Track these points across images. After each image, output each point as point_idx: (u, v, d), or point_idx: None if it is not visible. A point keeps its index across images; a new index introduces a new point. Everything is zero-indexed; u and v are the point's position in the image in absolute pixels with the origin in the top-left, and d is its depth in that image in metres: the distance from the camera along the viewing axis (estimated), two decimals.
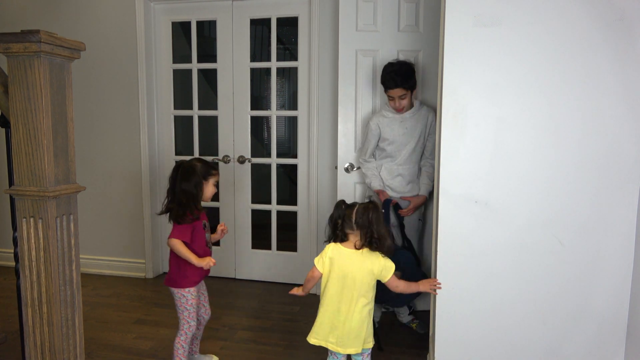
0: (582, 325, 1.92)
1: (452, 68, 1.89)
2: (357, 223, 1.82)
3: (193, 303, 2.16)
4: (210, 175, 2.16)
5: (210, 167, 2.17)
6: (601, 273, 1.88)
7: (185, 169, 2.12)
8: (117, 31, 3.52)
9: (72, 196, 1.57)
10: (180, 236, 2.09)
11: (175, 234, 2.10)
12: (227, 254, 3.70)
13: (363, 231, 1.81)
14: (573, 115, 1.83)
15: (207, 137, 3.73)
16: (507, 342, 1.97)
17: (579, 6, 1.78)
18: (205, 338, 2.68)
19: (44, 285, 1.48)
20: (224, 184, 3.62)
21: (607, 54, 1.78)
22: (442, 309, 2.01)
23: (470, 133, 1.91)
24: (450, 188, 1.95)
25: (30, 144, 1.44)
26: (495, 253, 1.94)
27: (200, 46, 3.59)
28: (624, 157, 1.82)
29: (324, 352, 2.52)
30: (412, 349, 2.57)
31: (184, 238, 2.10)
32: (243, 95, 3.53)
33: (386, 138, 2.71)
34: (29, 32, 1.36)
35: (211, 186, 2.17)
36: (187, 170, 2.11)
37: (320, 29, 3.22)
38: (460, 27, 1.86)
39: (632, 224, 1.84)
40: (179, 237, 2.09)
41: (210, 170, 2.16)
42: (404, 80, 2.56)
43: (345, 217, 1.85)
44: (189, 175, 2.10)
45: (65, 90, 1.52)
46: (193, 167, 2.12)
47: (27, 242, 1.48)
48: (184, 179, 2.10)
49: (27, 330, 1.52)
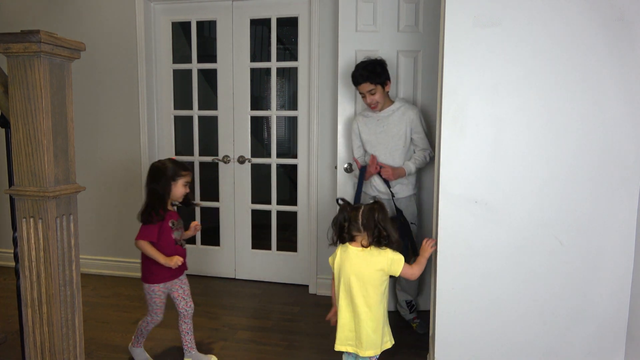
0: (582, 325, 1.92)
1: (452, 68, 1.90)
2: (364, 225, 1.81)
3: (157, 301, 2.27)
4: (179, 175, 2.19)
5: (180, 168, 2.21)
6: (601, 273, 1.88)
7: (153, 169, 2.19)
8: (117, 31, 3.52)
9: (72, 196, 1.57)
10: (146, 237, 2.16)
11: (141, 235, 2.17)
12: (227, 254, 3.70)
13: (369, 232, 1.81)
14: (573, 115, 1.83)
15: (207, 137, 3.73)
16: (507, 342, 1.97)
17: (579, 6, 1.78)
18: (205, 338, 2.68)
19: (44, 286, 1.48)
20: (224, 184, 3.62)
21: (606, 54, 1.78)
22: (442, 309, 2.01)
23: (470, 133, 1.91)
24: (450, 188, 1.95)
25: (30, 144, 1.44)
26: (495, 253, 1.94)
27: (200, 46, 3.59)
28: (623, 157, 1.82)
29: (324, 352, 2.53)
30: (412, 349, 2.56)
31: (150, 238, 2.17)
32: (243, 96, 3.53)
33: (363, 137, 2.76)
34: (29, 32, 1.36)
35: (181, 186, 2.21)
36: (156, 171, 2.19)
37: (320, 29, 3.22)
38: (460, 28, 1.86)
39: (632, 224, 1.84)
40: (145, 238, 2.16)
41: (179, 171, 2.20)
42: (370, 74, 2.56)
43: (351, 220, 1.83)
44: (156, 176, 2.17)
45: (65, 90, 1.52)
46: (161, 167, 2.19)
47: (27, 243, 1.48)
48: (152, 180, 2.18)
49: (27, 330, 1.52)
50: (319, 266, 3.40)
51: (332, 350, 2.54)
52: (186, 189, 2.23)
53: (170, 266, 2.17)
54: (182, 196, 2.24)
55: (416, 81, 2.93)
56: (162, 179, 2.17)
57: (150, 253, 2.16)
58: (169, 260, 2.17)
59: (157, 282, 2.25)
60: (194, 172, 3.69)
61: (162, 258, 2.16)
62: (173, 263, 2.17)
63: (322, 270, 3.39)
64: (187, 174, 2.23)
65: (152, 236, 2.17)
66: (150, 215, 2.16)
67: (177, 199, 2.24)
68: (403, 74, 2.92)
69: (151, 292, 2.26)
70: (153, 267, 2.22)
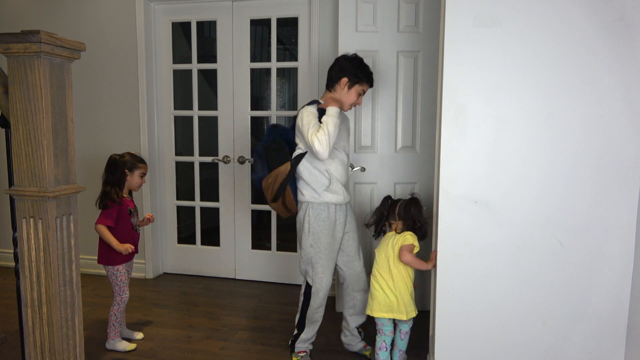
0: (582, 325, 1.92)
1: (452, 68, 1.90)
2: (399, 214, 2.24)
3: (122, 279, 2.50)
4: (135, 167, 2.50)
5: (136, 160, 2.52)
6: (601, 273, 1.88)
7: (110, 161, 2.48)
8: (117, 31, 3.52)
9: (72, 196, 1.57)
10: (104, 221, 2.42)
11: (100, 220, 2.42)
12: (227, 254, 3.71)
13: (403, 221, 2.23)
14: (572, 115, 1.83)
15: (207, 138, 3.73)
16: (507, 342, 1.98)
17: (579, 7, 1.78)
18: (205, 338, 2.68)
19: (44, 286, 1.48)
20: (224, 185, 3.62)
21: (606, 54, 1.78)
22: (442, 309, 2.01)
23: (470, 133, 1.91)
24: (450, 188, 1.95)
25: (30, 145, 1.44)
26: (495, 253, 1.94)
27: (200, 46, 3.60)
28: (623, 157, 1.82)
29: (324, 352, 2.53)
30: (412, 349, 2.56)
31: (108, 223, 2.42)
32: (243, 96, 3.53)
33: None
34: (29, 32, 1.36)
35: (137, 177, 2.51)
36: (112, 162, 2.48)
37: (320, 29, 3.22)
38: (460, 28, 1.87)
39: (631, 224, 1.84)
40: (103, 222, 2.41)
41: (136, 163, 2.50)
42: None
43: (390, 210, 2.27)
44: (112, 167, 2.47)
45: (65, 90, 1.52)
46: (118, 160, 2.48)
47: (27, 243, 1.48)
48: (108, 170, 2.48)
49: (27, 330, 1.52)
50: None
51: (332, 351, 2.55)
52: (142, 180, 2.54)
53: (121, 251, 2.41)
54: (138, 186, 2.54)
55: (416, 81, 2.93)
56: (117, 170, 2.46)
57: (106, 237, 2.41)
58: (120, 247, 2.41)
59: (118, 263, 2.48)
60: (194, 172, 3.69)
61: (115, 243, 2.40)
62: (124, 249, 2.41)
63: None
64: (143, 166, 2.53)
65: (110, 221, 2.42)
66: (107, 201, 2.43)
67: (134, 188, 2.54)
68: (403, 74, 2.92)
69: (115, 271, 2.49)
70: (111, 251, 2.45)
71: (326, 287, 2.33)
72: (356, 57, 2.37)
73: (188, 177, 3.75)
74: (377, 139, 2.98)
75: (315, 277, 2.32)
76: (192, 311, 3.06)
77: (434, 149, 2.75)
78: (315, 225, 2.30)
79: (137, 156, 2.55)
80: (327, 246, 2.31)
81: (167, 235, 3.80)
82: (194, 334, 2.73)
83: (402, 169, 2.98)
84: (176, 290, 3.45)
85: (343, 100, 2.34)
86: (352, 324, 2.49)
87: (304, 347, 2.44)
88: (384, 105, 2.95)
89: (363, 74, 2.32)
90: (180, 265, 3.81)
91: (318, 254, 2.31)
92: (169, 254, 3.82)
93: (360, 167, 2.97)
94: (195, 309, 3.11)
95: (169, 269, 3.84)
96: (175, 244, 3.81)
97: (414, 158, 2.99)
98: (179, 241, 3.81)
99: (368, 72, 2.36)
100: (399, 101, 2.95)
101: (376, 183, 2.98)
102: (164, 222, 3.78)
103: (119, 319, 2.53)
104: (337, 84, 2.33)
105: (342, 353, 2.53)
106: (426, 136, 2.95)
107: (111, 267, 2.48)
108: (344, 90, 2.33)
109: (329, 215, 2.31)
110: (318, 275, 2.32)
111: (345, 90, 2.33)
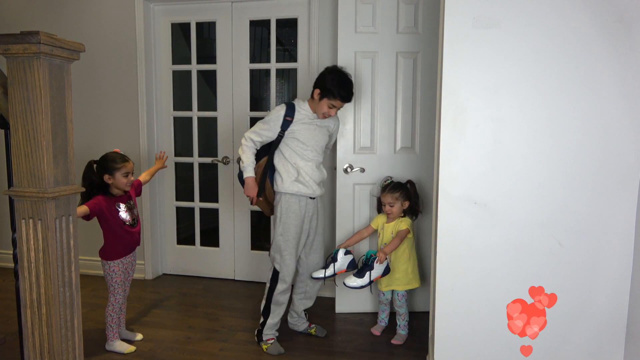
0: (582, 325, 1.92)
1: (451, 69, 1.90)
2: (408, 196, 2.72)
3: (117, 279, 2.50)
4: (114, 169, 2.42)
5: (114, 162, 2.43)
6: (600, 273, 1.89)
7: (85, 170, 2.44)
8: (116, 32, 3.52)
9: (72, 197, 1.57)
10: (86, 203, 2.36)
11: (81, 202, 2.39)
12: (226, 255, 3.70)
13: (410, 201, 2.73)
14: (572, 116, 1.84)
15: (206, 139, 3.73)
16: (507, 343, 1.98)
17: (578, 8, 1.78)
18: (204, 339, 2.68)
19: (43, 287, 1.48)
20: (223, 185, 3.62)
21: (605, 54, 1.79)
22: (441, 309, 2.01)
23: (470, 134, 1.92)
24: (449, 189, 1.95)
25: (30, 145, 1.44)
26: (494, 253, 1.94)
27: (199, 47, 3.60)
28: (622, 158, 1.82)
29: (324, 352, 2.53)
30: (412, 350, 2.57)
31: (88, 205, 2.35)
32: (242, 97, 3.53)
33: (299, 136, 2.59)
34: (28, 33, 1.36)
35: (120, 178, 2.43)
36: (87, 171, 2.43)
37: (319, 30, 3.22)
38: (459, 29, 1.87)
39: (631, 225, 1.85)
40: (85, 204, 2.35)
41: (113, 165, 2.43)
42: None
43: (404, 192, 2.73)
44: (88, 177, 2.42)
45: (65, 91, 1.52)
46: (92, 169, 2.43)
47: (26, 244, 1.48)
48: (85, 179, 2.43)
49: (26, 331, 1.51)
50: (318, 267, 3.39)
51: (332, 351, 2.55)
52: (128, 179, 2.47)
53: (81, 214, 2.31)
54: (125, 185, 2.47)
55: (415, 82, 2.93)
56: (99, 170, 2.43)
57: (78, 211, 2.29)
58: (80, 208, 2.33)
59: (113, 258, 2.47)
60: (194, 173, 3.69)
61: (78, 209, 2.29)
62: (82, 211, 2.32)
63: None
64: (123, 165, 2.44)
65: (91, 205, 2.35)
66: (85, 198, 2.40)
67: (122, 187, 2.47)
68: (402, 75, 2.93)
69: (111, 271, 2.48)
70: (106, 245, 2.47)
71: (291, 273, 2.54)
72: (338, 72, 2.51)
73: (187, 178, 3.75)
74: (376, 140, 2.98)
75: (283, 263, 2.52)
76: (191, 312, 3.06)
77: (433, 149, 2.76)
78: (286, 216, 2.51)
79: (120, 155, 2.48)
80: (295, 236, 2.52)
81: (167, 236, 3.80)
82: (194, 335, 2.73)
83: (402, 170, 2.98)
84: (175, 291, 3.45)
85: (317, 108, 2.52)
86: (301, 307, 2.74)
87: (271, 334, 2.59)
88: (383, 106, 2.95)
89: (336, 89, 2.45)
90: (180, 266, 3.81)
91: (286, 243, 2.52)
92: (169, 255, 3.82)
93: (360, 167, 2.97)
94: (195, 310, 3.10)
95: (169, 270, 3.83)
96: (175, 244, 3.80)
97: (413, 159, 2.99)
98: (178, 242, 3.81)
99: (343, 89, 2.46)
100: (398, 102, 2.95)
101: (375, 184, 2.98)
102: (164, 223, 3.78)
103: (115, 320, 2.52)
104: (313, 92, 2.51)
105: (345, 354, 2.53)
106: (425, 137, 2.95)
107: (107, 265, 2.48)
108: (316, 100, 2.51)
109: (299, 207, 2.52)
110: (285, 262, 2.52)
111: (317, 100, 2.50)
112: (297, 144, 2.52)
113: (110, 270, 2.48)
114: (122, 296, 2.53)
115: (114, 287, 2.50)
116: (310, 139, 2.53)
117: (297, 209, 2.51)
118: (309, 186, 2.52)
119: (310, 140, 2.53)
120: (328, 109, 2.49)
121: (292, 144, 2.53)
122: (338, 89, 2.44)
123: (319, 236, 2.66)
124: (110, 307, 2.50)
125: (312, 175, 2.53)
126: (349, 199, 3.00)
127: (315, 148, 2.56)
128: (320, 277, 2.58)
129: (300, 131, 2.52)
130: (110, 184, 2.44)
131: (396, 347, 2.61)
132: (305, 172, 2.51)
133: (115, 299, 2.50)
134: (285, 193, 2.51)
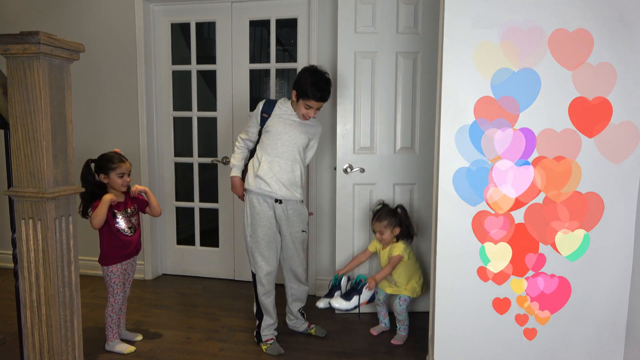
0: (582, 325, 1.92)
1: (451, 69, 1.90)
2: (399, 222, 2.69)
3: (116, 280, 2.49)
4: (109, 169, 2.41)
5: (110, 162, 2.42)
6: (600, 273, 1.89)
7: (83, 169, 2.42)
8: (116, 32, 3.52)
9: (71, 197, 1.57)
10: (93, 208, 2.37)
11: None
12: (226, 255, 3.70)
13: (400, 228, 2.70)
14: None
15: (206, 139, 3.73)
16: (507, 343, 1.97)
17: (578, 8, 1.78)
18: (204, 339, 2.68)
19: (43, 287, 1.48)
20: (223, 185, 3.62)
21: (605, 55, 1.79)
22: (441, 309, 2.01)
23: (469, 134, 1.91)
24: (449, 189, 1.95)
25: (29, 145, 1.44)
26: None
27: (199, 47, 3.60)
28: (622, 157, 1.82)
29: (324, 353, 2.53)
30: (412, 350, 2.57)
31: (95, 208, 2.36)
32: (242, 97, 3.53)
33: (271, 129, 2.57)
34: (28, 33, 1.37)
35: (115, 178, 2.41)
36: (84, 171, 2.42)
37: (319, 30, 3.22)
38: (459, 29, 1.87)
39: (631, 225, 1.85)
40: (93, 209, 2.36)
41: (109, 165, 2.42)
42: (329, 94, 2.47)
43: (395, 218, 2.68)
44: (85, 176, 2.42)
45: (65, 91, 1.52)
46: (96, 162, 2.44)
47: (25, 244, 1.48)
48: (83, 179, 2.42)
49: (26, 331, 1.51)
50: (318, 267, 3.40)
51: (332, 352, 2.54)
52: (124, 180, 2.44)
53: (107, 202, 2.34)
54: (121, 185, 2.44)
55: (415, 82, 2.93)
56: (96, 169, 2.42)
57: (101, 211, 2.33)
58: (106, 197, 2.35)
59: (111, 263, 2.46)
60: (193, 173, 3.69)
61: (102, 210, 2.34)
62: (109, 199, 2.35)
63: (320, 272, 3.39)
64: (119, 166, 2.42)
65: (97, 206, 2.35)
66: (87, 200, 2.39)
67: (118, 188, 2.44)
68: (402, 75, 2.93)
69: (109, 272, 2.47)
70: (105, 250, 2.46)
71: (267, 275, 2.50)
72: (313, 72, 2.46)
73: (187, 178, 3.75)
74: (376, 140, 2.98)
75: (256, 265, 2.51)
76: (191, 312, 3.06)
77: (433, 149, 2.76)
78: (250, 218, 2.49)
79: (117, 155, 2.46)
80: (264, 237, 2.46)
81: (166, 236, 3.80)
82: (193, 335, 2.73)
83: (402, 170, 2.98)
84: (175, 292, 3.45)
85: (296, 109, 2.50)
86: (294, 309, 2.71)
87: (270, 335, 2.57)
88: (383, 106, 2.95)
89: (310, 89, 2.40)
90: (180, 266, 3.81)
91: (255, 244, 2.48)
92: (168, 255, 3.82)
93: (360, 168, 2.97)
94: (195, 310, 3.10)
95: (168, 270, 3.83)
96: (175, 245, 3.80)
97: (413, 159, 2.99)
98: (178, 242, 3.80)
99: (317, 89, 2.40)
100: (398, 102, 2.95)
101: (375, 184, 2.99)
102: (163, 223, 3.77)
103: (114, 320, 2.52)
104: (292, 93, 2.49)
105: (345, 354, 2.53)
106: (425, 137, 2.95)
107: (106, 267, 2.47)
108: (294, 100, 2.49)
109: (262, 209, 2.45)
110: (258, 264, 2.50)
111: (295, 100, 2.48)
112: (267, 136, 2.47)
113: (109, 272, 2.48)
114: (122, 297, 2.53)
115: (113, 288, 2.50)
116: (283, 132, 2.44)
117: (260, 210, 2.44)
118: (269, 183, 2.40)
119: (283, 134, 2.44)
120: (305, 110, 2.45)
121: (264, 137, 2.49)
122: (312, 89, 2.39)
123: (298, 241, 2.56)
124: (109, 307, 2.50)
125: (277, 172, 2.41)
126: (349, 199, 3.00)
127: (290, 144, 2.45)
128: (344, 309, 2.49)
129: (273, 125, 2.47)
130: (106, 183, 2.43)
131: (396, 347, 2.61)
132: (268, 167, 2.41)
133: (114, 300, 2.50)
134: (249, 191, 2.47)
